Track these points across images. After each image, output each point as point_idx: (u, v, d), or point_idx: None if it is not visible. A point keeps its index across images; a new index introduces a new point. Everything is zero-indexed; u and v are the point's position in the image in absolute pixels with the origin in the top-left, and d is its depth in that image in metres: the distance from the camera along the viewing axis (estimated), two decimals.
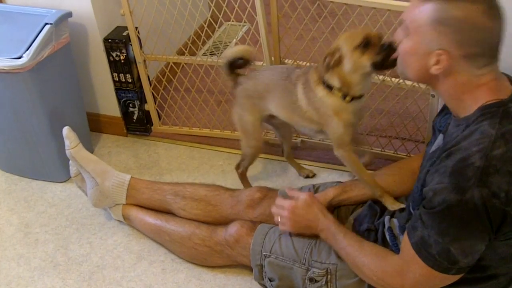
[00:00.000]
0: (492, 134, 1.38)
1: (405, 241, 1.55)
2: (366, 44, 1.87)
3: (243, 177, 2.51)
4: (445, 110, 1.73)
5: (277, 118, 2.26)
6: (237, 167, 2.50)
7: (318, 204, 1.90)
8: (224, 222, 2.17)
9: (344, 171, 2.60)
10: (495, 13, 1.41)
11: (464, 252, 1.43)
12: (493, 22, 1.41)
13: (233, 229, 2.08)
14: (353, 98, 1.99)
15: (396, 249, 1.73)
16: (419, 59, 1.49)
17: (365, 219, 1.94)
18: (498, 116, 1.41)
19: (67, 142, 2.29)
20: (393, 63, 1.69)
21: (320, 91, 2.02)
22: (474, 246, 1.43)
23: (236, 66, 2.27)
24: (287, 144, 2.55)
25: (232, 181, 2.63)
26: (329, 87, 1.99)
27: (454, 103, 1.53)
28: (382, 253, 1.68)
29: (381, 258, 1.66)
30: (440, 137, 1.63)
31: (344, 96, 1.98)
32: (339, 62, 1.93)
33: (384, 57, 1.85)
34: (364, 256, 1.69)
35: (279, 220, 1.94)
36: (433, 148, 1.64)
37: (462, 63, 1.44)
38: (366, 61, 1.88)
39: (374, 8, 2.24)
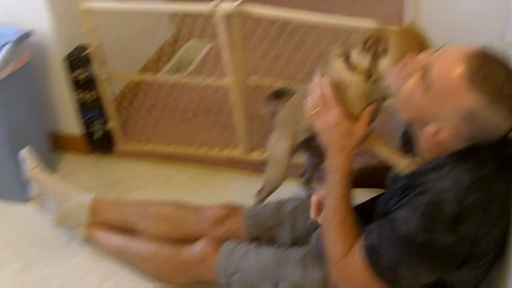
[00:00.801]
0: (466, 181, 1.39)
1: (357, 244, 1.56)
2: None
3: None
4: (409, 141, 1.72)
5: (312, 139, 2.05)
6: (258, 192, 2.35)
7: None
8: (189, 240, 2.15)
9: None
10: None
11: (411, 277, 1.47)
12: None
13: (199, 247, 2.07)
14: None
15: None
16: (421, 116, 1.46)
17: None
18: (471, 162, 1.42)
19: (27, 164, 2.26)
20: None
21: (339, 63, 1.72)
22: (424, 275, 1.47)
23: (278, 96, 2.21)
24: (313, 170, 2.48)
25: (198, 198, 2.61)
26: (352, 66, 1.70)
27: (427, 152, 1.54)
28: (350, 240, 1.62)
29: (345, 243, 1.62)
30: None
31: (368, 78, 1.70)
32: (380, 53, 1.64)
33: None
34: (336, 231, 1.64)
35: (314, 114, 1.70)
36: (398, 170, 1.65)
37: (457, 143, 1.44)
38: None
39: (334, 27, 2.26)
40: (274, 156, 2.20)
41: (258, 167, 2.77)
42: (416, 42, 1.59)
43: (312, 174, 2.46)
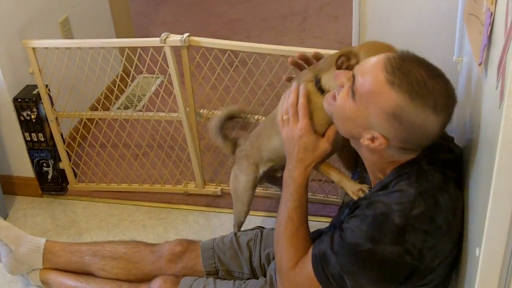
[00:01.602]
0: (411, 193, 1.42)
1: (309, 251, 1.59)
2: None
3: None
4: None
5: (276, 170, 2.10)
6: (234, 227, 2.35)
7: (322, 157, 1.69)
8: (146, 279, 2.12)
9: (266, 216, 2.60)
10: (447, 122, 1.42)
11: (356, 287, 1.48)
12: (442, 130, 1.43)
13: (156, 285, 2.04)
14: None
15: None
16: (355, 127, 1.48)
17: None
18: (414, 176, 1.46)
19: None
20: None
21: (309, 87, 1.71)
22: (367, 286, 1.48)
23: (226, 128, 2.19)
24: None
25: (154, 235, 2.59)
26: (321, 90, 1.71)
27: (373, 168, 1.58)
28: (301, 251, 1.63)
29: (295, 253, 1.63)
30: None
31: None
32: (353, 66, 1.59)
33: None
34: (288, 241, 1.65)
35: (284, 119, 1.70)
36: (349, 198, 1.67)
37: (394, 150, 1.47)
38: None
39: (283, 55, 2.29)
40: (236, 190, 2.20)
41: (213, 201, 2.76)
42: (385, 51, 1.57)
43: None
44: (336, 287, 1.51)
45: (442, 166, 1.50)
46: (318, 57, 1.83)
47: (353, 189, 1.64)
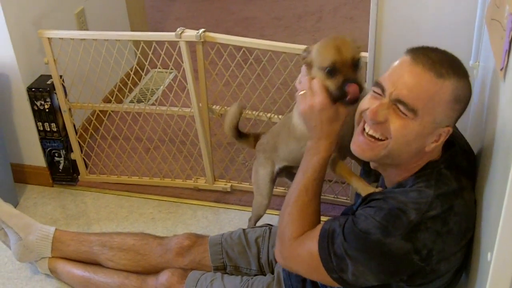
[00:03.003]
0: (430, 194, 1.43)
1: (316, 228, 1.59)
2: (331, 72, 1.62)
3: None
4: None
5: (291, 168, 2.14)
6: (250, 219, 2.39)
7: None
8: (154, 271, 2.13)
9: (274, 214, 2.61)
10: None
11: (354, 274, 1.48)
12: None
13: (164, 277, 2.05)
14: None
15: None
16: (422, 140, 1.46)
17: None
18: (434, 178, 1.47)
19: None
20: (352, 102, 1.60)
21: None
22: (366, 276, 1.48)
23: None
24: None
25: (163, 229, 2.60)
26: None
27: (397, 174, 1.56)
28: (308, 223, 1.63)
29: (302, 225, 1.63)
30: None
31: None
32: (309, 65, 1.69)
33: (342, 95, 1.61)
34: (298, 210, 1.65)
35: (301, 95, 1.67)
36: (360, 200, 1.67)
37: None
38: (330, 86, 1.62)
39: (298, 54, 2.29)
40: (256, 183, 2.24)
41: (222, 197, 2.77)
42: (332, 52, 1.63)
43: None
44: (335, 267, 1.49)
45: (459, 172, 1.50)
46: None
47: (369, 192, 1.61)
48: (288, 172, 2.21)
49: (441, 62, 1.41)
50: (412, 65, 1.42)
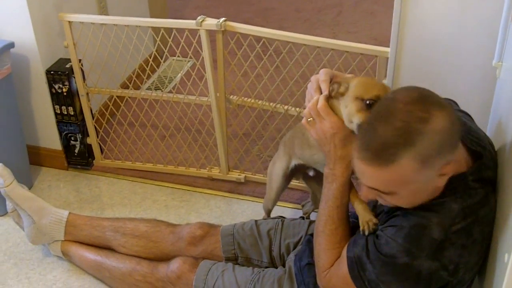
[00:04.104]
0: (454, 209, 1.40)
1: (340, 255, 1.58)
2: (370, 104, 1.55)
3: None
4: None
5: (307, 167, 2.12)
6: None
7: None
8: (165, 258, 2.14)
9: (286, 207, 2.60)
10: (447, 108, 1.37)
11: None
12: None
13: (175, 265, 2.06)
14: None
15: None
16: (426, 191, 1.42)
17: (304, 254, 1.93)
18: (460, 191, 1.43)
19: (1, 181, 2.23)
20: None
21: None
22: None
23: None
24: (313, 207, 2.45)
25: (175, 216, 2.60)
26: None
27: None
28: (339, 250, 1.62)
29: (333, 253, 1.63)
30: None
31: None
32: (340, 94, 1.64)
33: None
34: (327, 240, 1.64)
35: (309, 121, 1.66)
36: None
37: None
38: (356, 118, 1.56)
39: (318, 47, 2.28)
40: (270, 175, 2.24)
41: (236, 187, 2.77)
42: (377, 87, 1.58)
43: (311, 210, 2.47)
44: None
45: (486, 182, 1.48)
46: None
47: (364, 219, 1.60)
48: (305, 174, 2.21)
49: (383, 145, 1.33)
50: (361, 165, 1.38)
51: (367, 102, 1.55)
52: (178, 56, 2.63)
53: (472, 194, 1.44)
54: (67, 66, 2.67)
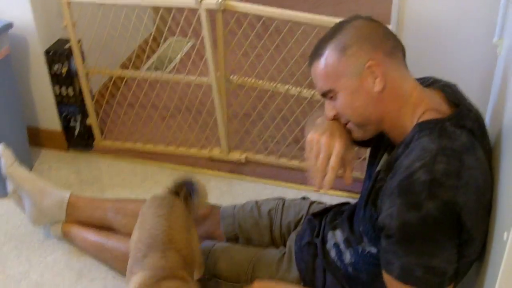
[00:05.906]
0: (432, 148, 1.39)
1: (387, 279, 1.49)
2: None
3: None
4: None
5: None
6: None
7: None
8: None
9: (287, 187, 2.60)
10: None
11: (447, 261, 1.41)
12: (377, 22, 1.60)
13: None
14: None
15: (342, 264, 1.73)
16: (362, 93, 1.53)
17: (305, 233, 1.93)
18: (436, 132, 1.43)
19: (2, 161, 2.23)
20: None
21: None
22: (452, 253, 1.40)
23: None
24: None
25: None
26: None
27: (396, 131, 1.55)
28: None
29: None
30: (384, 157, 1.64)
31: None
32: None
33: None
34: None
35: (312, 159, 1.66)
36: (378, 168, 1.64)
37: (388, 62, 1.51)
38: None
39: (319, 26, 2.26)
40: None
41: (237, 168, 2.76)
42: None
43: None
44: (438, 277, 1.41)
45: (469, 133, 1.46)
46: None
47: None
48: None
49: (317, 46, 1.59)
50: (310, 70, 1.62)
51: None
52: (178, 36, 2.61)
53: (452, 137, 1.42)
54: (66, 46, 2.65)
